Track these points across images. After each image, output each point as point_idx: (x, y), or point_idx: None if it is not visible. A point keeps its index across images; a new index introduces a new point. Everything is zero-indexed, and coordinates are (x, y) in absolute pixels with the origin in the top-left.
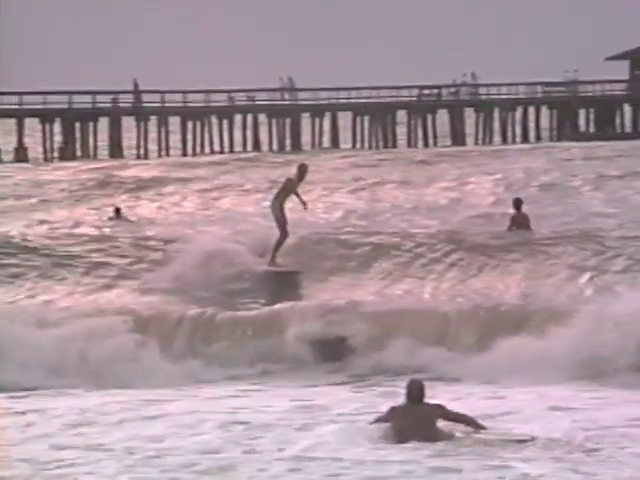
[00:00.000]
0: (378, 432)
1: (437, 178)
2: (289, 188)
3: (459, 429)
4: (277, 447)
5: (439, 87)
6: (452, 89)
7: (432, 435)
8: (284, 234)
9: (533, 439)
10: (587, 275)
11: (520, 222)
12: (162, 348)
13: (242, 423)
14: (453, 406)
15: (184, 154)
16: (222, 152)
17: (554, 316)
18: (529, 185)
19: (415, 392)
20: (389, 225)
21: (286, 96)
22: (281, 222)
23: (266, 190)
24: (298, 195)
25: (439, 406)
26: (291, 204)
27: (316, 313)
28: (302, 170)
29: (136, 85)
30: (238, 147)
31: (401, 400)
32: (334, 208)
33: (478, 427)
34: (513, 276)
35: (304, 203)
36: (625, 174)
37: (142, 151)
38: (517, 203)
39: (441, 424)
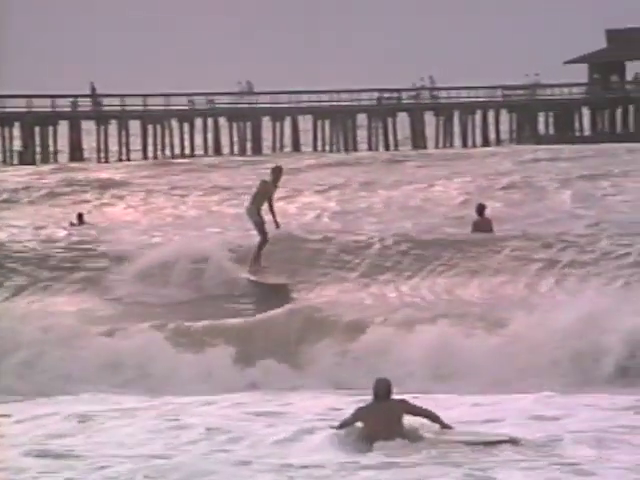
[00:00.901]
0: (348, 436)
1: (413, 180)
2: (264, 191)
3: (431, 430)
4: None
5: (399, 91)
6: (412, 93)
7: (399, 432)
8: (264, 238)
9: (505, 441)
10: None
11: (483, 227)
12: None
13: None
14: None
15: (145, 157)
16: (183, 156)
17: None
18: (496, 186)
19: (382, 390)
20: (367, 227)
21: (244, 99)
22: (260, 226)
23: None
24: (273, 211)
25: (403, 401)
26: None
27: None
28: (277, 173)
29: (93, 89)
30: (199, 151)
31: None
32: (307, 209)
33: (443, 425)
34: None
35: (277, 223)
36: (591, 174)
37: (102, 155)
38: (480, 208)
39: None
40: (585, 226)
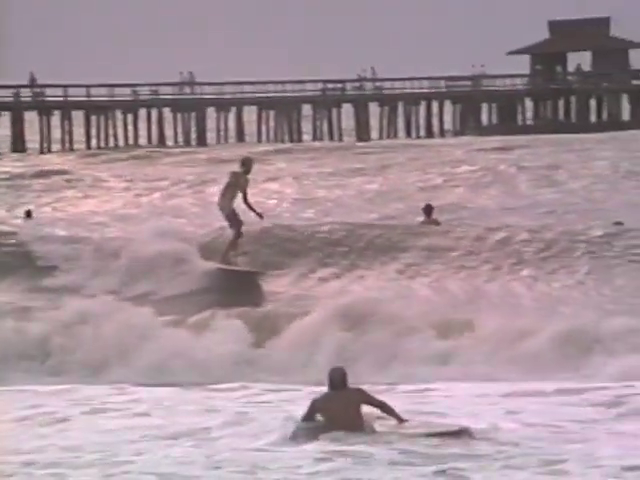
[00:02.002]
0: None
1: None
2: (235, 183)
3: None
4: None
5: (343, 82)
6: (356, 84)
7: (359, 422)
8: (238, 232)
9: (462, 432)
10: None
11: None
12: None
13: None
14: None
15: (88, 148)
16: (127, 146)
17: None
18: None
19: (338, 379)
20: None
21: (187, 90)
22: (232, 219)
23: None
24: (249, 204)
25: (360, 390)
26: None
27: None
28: (247, 164)
29: (33, 79)
30: (143, 141)
31: None
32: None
33: (398, 418)
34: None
35: (258, 214)
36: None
37: (45, 146)
38: (427, 210)
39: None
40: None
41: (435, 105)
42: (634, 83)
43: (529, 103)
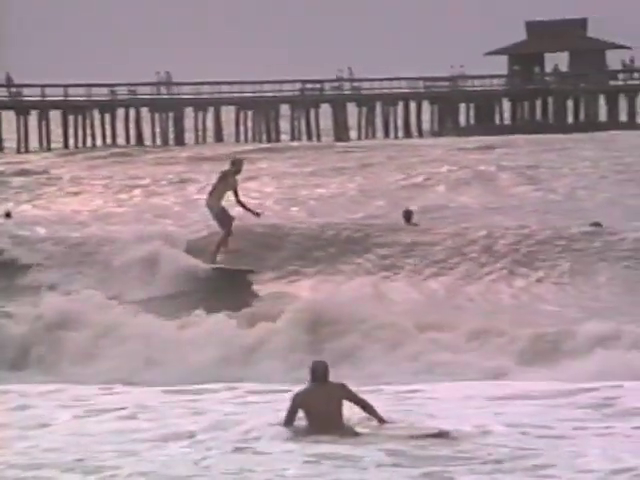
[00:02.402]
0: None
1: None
2: (225, 182)
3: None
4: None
5: (321, 82)
6: (335, 84)
7: (338, 418)
8: (228, 230)
9: (442, 434)
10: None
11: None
12: None
13: None
14: None
15: (66, 147)
16: (105, 146)
17: None
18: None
19: (320, 371)
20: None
21: (163, 90)
22: (221, 218)
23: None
24: (242, 203)
25: (343, 386)
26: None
27: None
28: (237, 165)
29: (9, 79)
30: (121, 141)
31: None
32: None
33: (378, 418)
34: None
35: (254, 212)
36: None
37: (22, 145)
38: (407, 215)
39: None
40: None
41: (413, 105)
42: (611, 84)
43: (507, 104)
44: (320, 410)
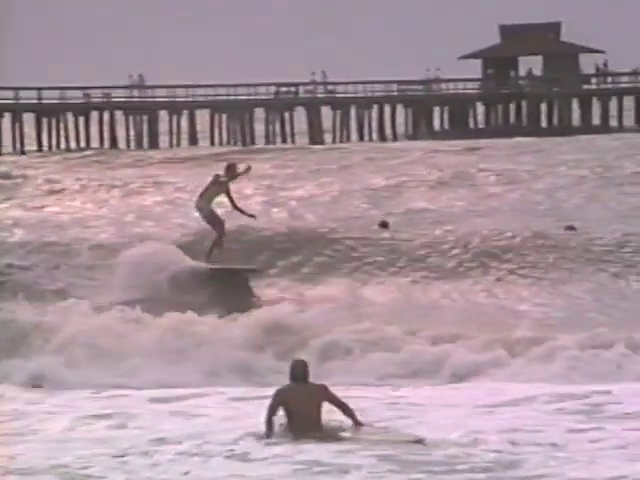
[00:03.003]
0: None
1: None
2: (217, 187)
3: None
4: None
5: (296, 85)
6: (309, 87)
7: (317, 419)
8: (221, 231)
9: (418, 441)
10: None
11: None
12: None
13: None
14: None
15: (39, 150)
16: (79, 149)
17: None
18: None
19: (300, 370)
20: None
21: (135, 93)
22: (212, 220)
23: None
24: (237, 207)
25: (324, 387)
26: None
27: None
28: (232, 170)
29: None
30: (95, 144)
31: None
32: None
33: (356, 421)
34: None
35: (250, 215)
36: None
37: None
38: (383, 225)
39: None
40: None
41: (388, 109)
42: (584, 88)
43: (481, 107)
44: (300, 410)
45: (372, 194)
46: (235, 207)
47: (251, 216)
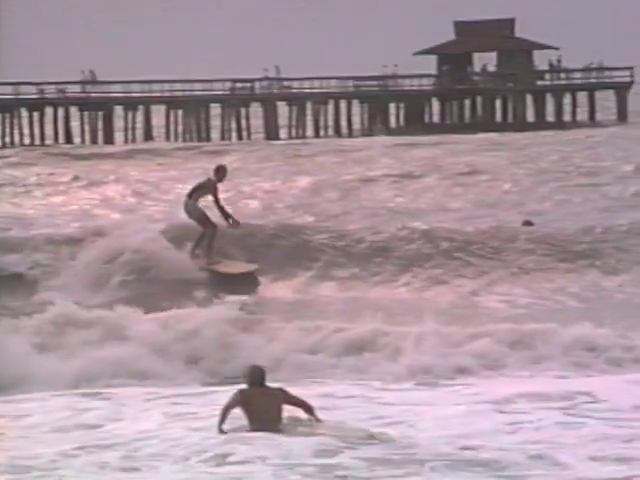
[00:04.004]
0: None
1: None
2: (206, 187)
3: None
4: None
5: (252, 81)
6: (265, 83)
7: (278, 422)
8: (213, 229)
9: (372, 436)
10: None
11: None
12: None
13: None
14: None
15: None
16: (33, 145)
17: None
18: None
19: (258, 377)
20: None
21: (89, 88)
22: (199, 218)
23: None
24: (224, 211)
25: (283, 390)
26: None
27: None
28: (221, 172)
29: None
30: (49, 140)
31: None
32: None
33: (316, 418)
34: None
35: (235, 221)
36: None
37: None
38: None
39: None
40: None
41: (344, 105)
42: (538, 84)
43: (436, 103)
44: (261, 413)
45: (339, 187)
46: (221, 210)
47: (234, 222)
